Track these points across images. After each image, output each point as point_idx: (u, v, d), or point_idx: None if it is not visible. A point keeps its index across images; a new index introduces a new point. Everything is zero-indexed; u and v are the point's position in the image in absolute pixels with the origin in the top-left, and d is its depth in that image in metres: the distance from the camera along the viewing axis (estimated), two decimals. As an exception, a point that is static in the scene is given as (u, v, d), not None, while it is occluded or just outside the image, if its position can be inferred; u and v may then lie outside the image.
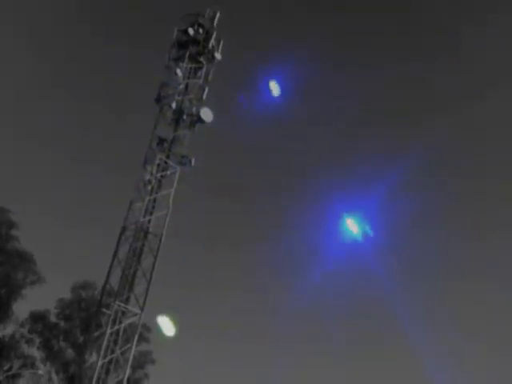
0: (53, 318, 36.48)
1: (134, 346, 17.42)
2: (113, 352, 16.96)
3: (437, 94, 72.85)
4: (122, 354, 17.22)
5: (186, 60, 20.79)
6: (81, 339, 35.34)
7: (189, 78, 20.92)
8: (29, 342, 35.38)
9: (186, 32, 20.98)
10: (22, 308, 35.20)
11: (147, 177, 18.90)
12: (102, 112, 67.28)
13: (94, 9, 69.03)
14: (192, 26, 21.14)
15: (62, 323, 36.32)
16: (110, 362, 16.91)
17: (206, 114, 20.45)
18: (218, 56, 21.45)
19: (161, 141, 19.85)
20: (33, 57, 64.54)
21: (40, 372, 34.75)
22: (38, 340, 35.67)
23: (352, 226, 18.17)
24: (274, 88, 19.57)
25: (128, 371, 17.10)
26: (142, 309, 17.46)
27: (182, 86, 20.54)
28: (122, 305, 17.29)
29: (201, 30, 21.27)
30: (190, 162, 19.93)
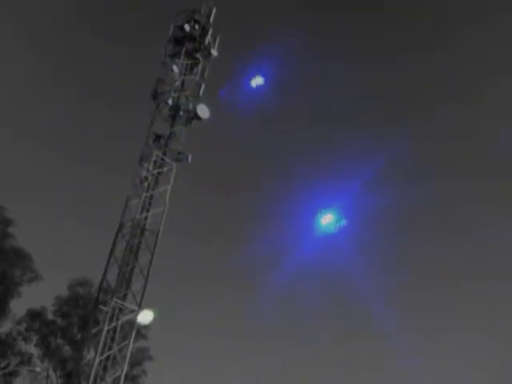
0: (50, 316, 36.48)
1: (131, 343, 17.43)
2: (110, 349, 16.97)
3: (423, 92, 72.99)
4: (119, 350, 17.22)
5: (183, 56, 20.76)
6: (78, 336, 35.33)
7: (185, 75, 20.89)
8: (26, 339, 35.38)
9: (182, 28, 20.94)
10: (19, 305, 35.19)
11: (144, 173, 18.89)
12: (102, 112, 67.18)
13: (94, 9, 69.01)
14: (188, 22, 21.11)
15: (59, 320, 36.30)
16: (107, 358, 16.92)
17: (203, 111, 20.44)
18: (214, 52, 21.43)
19: (157, 137, 19.83)
20: (33, 57, 64.51)
21: (37, 369, 34.75)
22: (35, 337, 35.66)
23: (328, 221, 18.30)
24: (259, 82, 19.67)
25: (125, 368, 17.12)
26: (139, 306, 17.47)
27: (178, 83, 20.51)
28: (119, 302, 17.30)
29: (197, 27, 21.24)
30: (187, 158, 19.92)
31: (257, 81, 19.95)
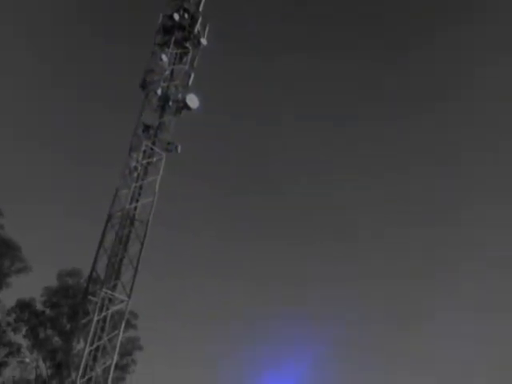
0: (39, 306, 36.35)
1: (121, 333, 17.46)
2: (100, 339, 16.99)
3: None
4: (109, 340, 17.25)
5: (172, 45, 20.61)
6: (68, 327, 35.27)
7: (174, 64, 20.75)
8: (15, 330, 35.25)
9: (171, 17, 20.77)
10: (8, 296, 35.02)
11: (133, 164, 18.81)
12: (102, 112, 66.76)
13: (94, 9, 68.52)
14: (177, 11, 20.93)
15: (48, 311, 36.19)
16: (97, 348, 16.95)
17: (192, 101, 20.34)
18: (203, 41, 21.29)
19: (146, 127, 19.73)
20: (33, 57, 64.03)
21: (27, 360, 34.69)
22: (24, 328, 35.54)
23: None
24: None
25: (115, 358, 17.15)
26: (129, 296, 17.47)
27: (167, 72, 20.38)
28: (109, 292, 17.29)
29: (186, 15, 21.07)
30: (177, 148, 19.86)
31: None
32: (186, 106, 20.21)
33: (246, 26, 69.26)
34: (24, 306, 35.88)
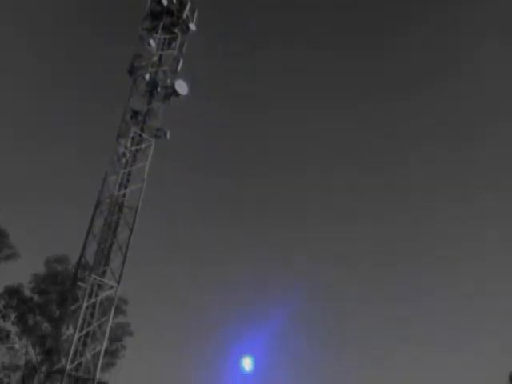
0: (27, 293, 36.25)
1: (110, 319, 17.52)
2: (89, 325, 17.04)
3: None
4: (98, 326, 17.30)
5: (160, 31, 20.45)
6: (57, 313, 35.25)
7: (163, 50, 20.61)
8: (4, 316, 35.17)
9: (159, 2, 20.59)
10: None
11: (121, 150, 18.73)
12: (102, 112, 66.38)
13: (94, 9, 67.89)
14: (166, -5, 20.74)
15: (36, 297, 36.11)
16: (86, 334, 17.01)
17: (181, 87, 20.24)
18: (192, 27, 21.16)
19: (134, 114, 19.61)
20: (33, 57, 63.46)
21: (16, 346, 34.68)
22: (13, 314, 35.46)
23: (247, 365, 21.94)
24: None
25: (105, 343, 17.23)
26: (118, 282, 17.51)
27: (155, 58, 20.24)
28: (98, 278, 17.31)
29: (175, 1, 20.90)
30: (166, 135, 19.78)
31: None
32: (175, 92, 20.11)
33: (246, 26, 69.35)
34: (12, 292, 35.73)
